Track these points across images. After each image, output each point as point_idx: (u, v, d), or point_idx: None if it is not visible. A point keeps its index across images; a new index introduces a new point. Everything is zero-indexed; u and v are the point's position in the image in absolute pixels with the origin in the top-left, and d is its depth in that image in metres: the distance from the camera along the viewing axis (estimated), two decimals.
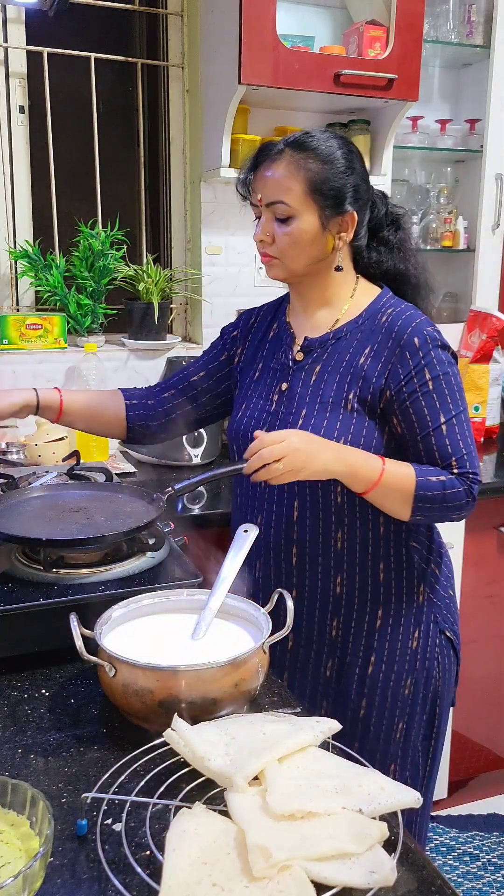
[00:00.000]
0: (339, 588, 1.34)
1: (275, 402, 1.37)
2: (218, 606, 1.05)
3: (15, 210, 2.30)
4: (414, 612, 1.36)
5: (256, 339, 1.47)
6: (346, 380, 1.30)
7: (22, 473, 1.60)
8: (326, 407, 1.30)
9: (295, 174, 1.27)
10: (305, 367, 1.35)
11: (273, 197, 1.28)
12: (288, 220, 1.28)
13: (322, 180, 1.27)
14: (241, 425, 1.40)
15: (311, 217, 1.28)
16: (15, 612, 1.08)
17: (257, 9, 1.95)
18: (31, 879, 0.66)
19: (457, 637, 1.44)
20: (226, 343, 1.52)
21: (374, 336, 1.31)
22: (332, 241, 1.31)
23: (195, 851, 0.69)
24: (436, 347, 1.28)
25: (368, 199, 1.35)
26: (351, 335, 1.33)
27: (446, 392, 1.27)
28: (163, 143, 2.50)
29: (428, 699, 1.40)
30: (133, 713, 0.93)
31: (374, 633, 1.36)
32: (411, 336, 1.27)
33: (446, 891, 0.73)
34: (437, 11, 2.40)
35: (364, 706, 1.37)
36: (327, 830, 0.71)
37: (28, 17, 2.22)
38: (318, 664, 1.38)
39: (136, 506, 1.35)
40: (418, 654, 1.37)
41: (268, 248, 1.32)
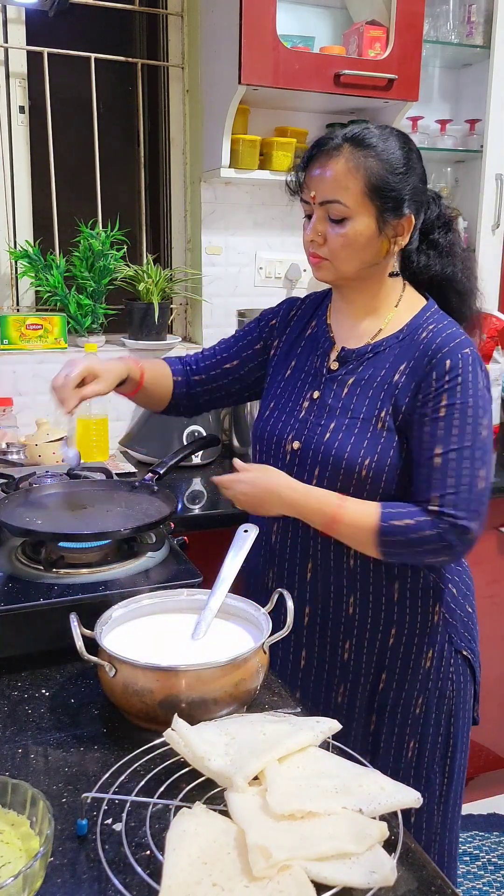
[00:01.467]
0: (351, 609, 1.30)
1: (304, 409, 1.32)
2: (218, 606, 1.05)
3: (15, 210, 2.30)
4: (428, 632, 1.31)
5: (294, 334, 1.42)
6: (380, 396, 1.25)
7: (22, 473, 1.60)
8: (356, 423, 1.25)
9: (353, 172, 1.20)
10: (339, 377, 1.30)
11: (328, 195, 1.21)
12: (343, 220, 1.22)
13: (382, 181, 1.20)
14: (269, 426, 1.36)
15: (367, 219, 1.21)
16: (15, 612, 1.08)
17: (257, 9, 1.95)
18: (31, 879, 0.66)
19: (474, 655, 1.38)
20: (262, 331, 1.47)
21: (411, 352, 1.25)
22: (386, 246, 1.25)
23: (195, 851, 0.69)
24: (468, 372, 1.19)
25: (425, 201, 1.29)
26: (389, 350, 1.28)
27: (456, 423, 1.18)
28: (163, 143, 2.50)
29: (442, 719, 1.35)
30: (133, 713, 0.93)
31: (385, 654, 1.31)
32: (445, 357, 1.20)
33: (446, 891, 0.73)
34: (437, 11, 2.40)
35: (374, 722, 1.34)
36: (327, 830, 0.71)
37: (28, 17, 2.22)
38: (329, 687, 1.35)
39: (142, 501, 1.36)
40: (431, 674, 1.32)
41: (318, 248, 1.26)
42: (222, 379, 1.48)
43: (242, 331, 1.51)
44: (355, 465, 1.23)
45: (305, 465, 1.28)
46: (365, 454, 1.23)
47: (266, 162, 2.25)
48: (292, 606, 1.00)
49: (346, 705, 1.34)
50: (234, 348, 1.48)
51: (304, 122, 2.36)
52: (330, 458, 1.25)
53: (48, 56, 2.22)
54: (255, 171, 2.22)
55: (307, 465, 1.28)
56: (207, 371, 1.49)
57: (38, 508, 1.33)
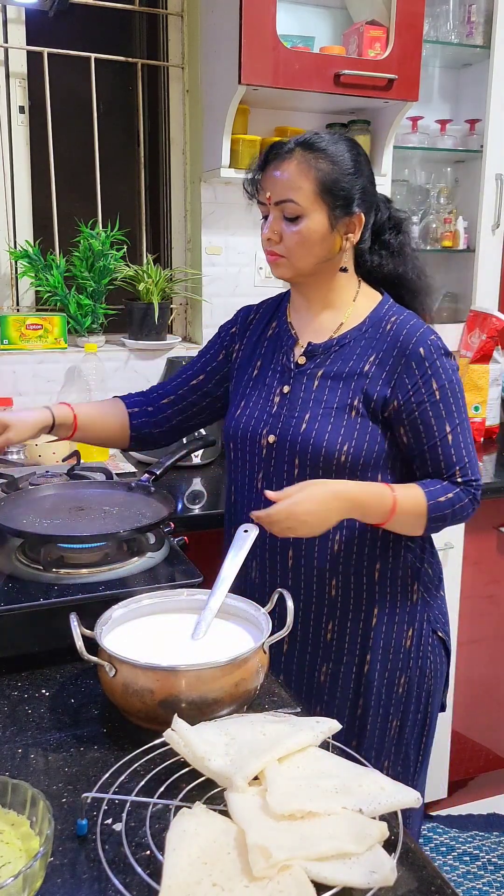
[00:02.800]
0: (333, 591, 1.35)
1: (276, 404, 1.36)
2: (218, 606, 1.05)
3: (15, 210, 2.30)
4: (408, 611, 1.37)
5: (255, 336, 1.47)
6: (350, 386, 1.30)
7: (22, 473, 1.60)
8: (331, 412, 1.30)
9: (305, 173, 1.27)
10: (307, 371, 1.35)
11: (282, 195, 1.28)
12: (297, 219, 1.28)
13: (332, 180, 1.27)
14: (241, 424, 1.39)
15: (320, 217, 1.28)
16: (15, 612, 1.08)
17: (257, 9, 1.95)
18: (31, 879, 0.66)
19: (448, 637, 1.45)
20: (223, 341, 1.52)
21: (378, 344, 1.32)
22: (339, 242, 1.32)
23: (195, 851, 0.69)
24: (440, 356, 1.29)
25: (374, 202, 1.36)
26: (355, 342, 1.34)
27: (451, 401, 1.28)
28: (163, 143, 2.50)
29: (422, 697, 1.41)
30: (133, 713, 0.93)
31: (368, 634, 1.36)
32: (416, 346, 1.28)
33: (446, 891, 0.73)
34: (437, 11, 2.40)
35: (360, 705, 1.38)
36: (327, 830, 0.71)
37: (28, 17, 2.22)
38: (312, 669, 1.38)
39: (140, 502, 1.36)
40: (412, 653, 1.38)
41: (275, 246, 1.32)
42: (191, 395, 1.52)
43: (204, 348, 1.56)
44: (333, 452, 1.28)
45: (283, 457, 1.33)
46: (343, 440, 1.28)
47: None
48: (292, 606, 1.01)
49: (328, 685, 1.38)
50: (198, 364, 1.53)
51: (304, 122, 2.36)
52: (308, 448, 1.29)
53: (48, 56, 2.22)
54: None
55: (285, 457, 1.32)
56: (175, 391, 1.53)
57: (36, 509, 1.33)
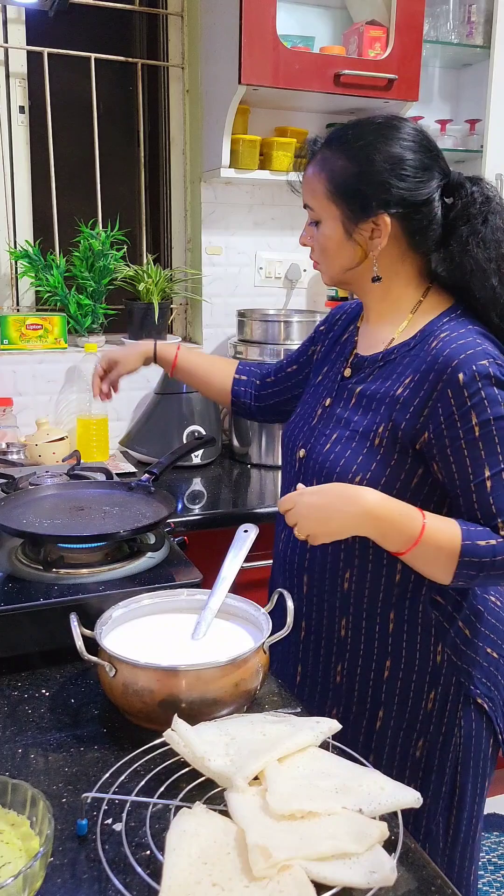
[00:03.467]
0: (343, 632, 1.22)
1: (317, 416, 1.27)
2: (218, 606, 1.05)
3: (15, 210, 2.30)
4: (429, 671, 1.19)
5: (334, 338, 1.37)
6: (380, 410, 1.15)
7: (22, 473, 1.61)
8: (354, 437, 1.17)
9: (318, 174, 1.15)
10: (349, 385, 1.23)
11: (304, 199, 1.20)
12: (318, 224, 1.19)
13: (343, 180, 1.13)
14: (287, 432, 1.33)
15: (332, 222, 1.16)
16: (15, 612, 1.08)
17: (257, 9, 1.95)
18: (31, 879, 0.66)
19: (493, 704, 1.22)
20: (313, 335, 1.45)
21: (418, 364, 1.12)
22: (361, 249, 1.16)
23: (195, 851, 0.69)
24: (488, 386, 1.06)
25: (421, 197, 1.12)
26: (399, 359, 1.16)
27: (496, 440, 1.06)
28: (163, 143, 2.50)
29: (447, 768, 1.23)
30: (133, 713, 0.93)
31: (381, 686, 1.21)
32: (456, 370, 1.06)
33: (446, 891, 0.73)
34: (437, 11, 2.40)
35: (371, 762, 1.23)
36: (327, 830, 0.71)
37: (28, 17, 2.22)
38: (321, 707, 1.27)
39: (140, 502, 1.36)
40: (433, 718, 1.20)
41: (311, 252, 1.24)
42: (286, 382, 1.50)
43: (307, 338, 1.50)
44: (345, 481, 1.14)
45: (309, 474, 1.22)
46: (357, 470, 1.14)
47: (266, 162, 2.25)
48: (292, 606, 1.00)
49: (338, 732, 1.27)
50: (294, 354, 1.50)
51: (304, 122, 2.36)
52: (324, 471, 1.19)
53: (48, 56, 2.23)
54: (255, 171, 2.22)
55: (310, 474, 1.22)
56: (277, 373, 1.52)
57: (36, 509, 1.33)
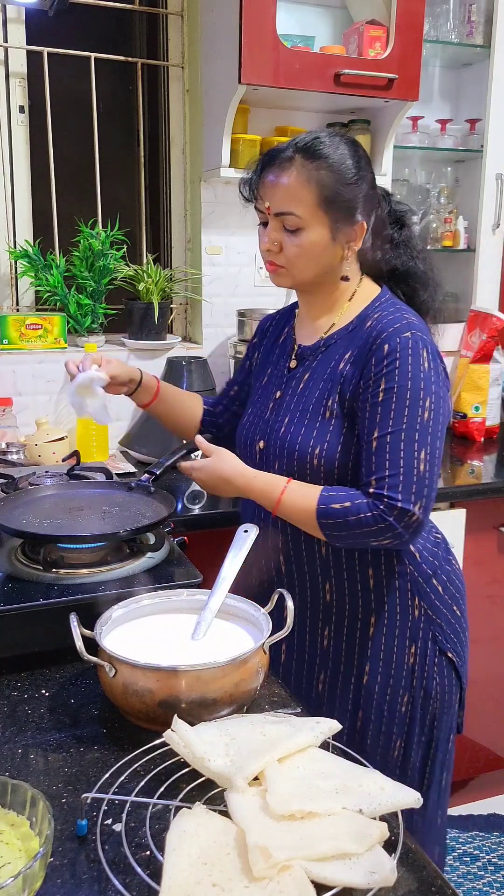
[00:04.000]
0: (328, 596, 1.31)
1: (269, 409, 1.37)
2: (218, 606, 1.05)
3: (15, 210, 2.30)
4: (409, 625, 1.30)
5: (269, 344, 1.47)
6: (328, 387, 1.28)
7: (22, 473, 1.60)
8: (306, 415, 1.29)
9: (306, 185, 1.22)
10: (297, 375, 1.35)
11: (283, 207, 1.23)
12: (297, 230, 1.24)
13: (334, 192, 1.22)
14: (242, 432, 1.42)
15: (321, 229, 1.24)
16: (15, 612, 1.08)
17: (257, 9, 1.95)
18: (31, 879, 0.66)
19: (460, 659, 1.36)
20: (248, 353, 1.55)
21: (356, 342, 1.27)
22: (340, 252, 1.28)
23: (195, 851, 0.69)
24: (408, 355, 1.19)
25: (376, 205, 1.31)
26: (340, 342, 1.31)
27: (393, 405, 1.18)
28: (163, 143, 2.50)
29: (426, 721, 1.33)
30: (133, 713, 0.93)
31: (367, 643, 1.31)
32: (383, 342, 1.21)
33: (446, 891, 0.73)
34: (437, 11, 2.40)
35: (360, 718, 1.33)
36: (327, 831, 0.71)
37: (28, 17, 2.22)
38: (310, 677, 1.35)
39: (140, 502, 1.36)
40: (415, 671, 1.31)
41: (275, 257, 1.28)
42: (233, 405, 1.58)
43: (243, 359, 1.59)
44: (306, 455, 1.26)
45: (271, 461, 1.33)
46: (315, 443, 1.26)
47: None
48: (292, 606, 1.00)
49: (326, 694, 1.34)
50: (236, 377, 1.58)
51: (304, 121, 2.36)
52: (285, 452, 1.29)
53: (48, 56, 2.22)
54: None
55: (272, 461, 1.33)
56: (222, 401, 1.60)
57: (36, 509, 1.33)
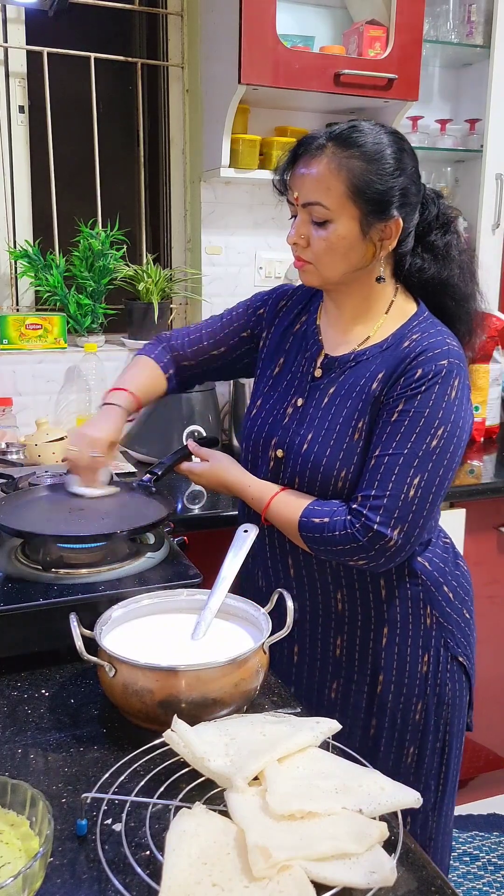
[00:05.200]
0: (340, 605, 1.29)
1: (289, 415, 1.30)
2: (218, 606, 1.05)
3: (15, 210, 2.30)
4: (422, 634, 1.29)
5: (283, 327, 1.39)
6: (357, 406, 1.22)
7: (22, 473, 1.60)
8: (333, 433, 1.23)
9: (336, 173, 1.15)
10: (321, 386, 1.28)
11: (310, 197, 1.18)
12: (325, 223, 1.18)
13: (365, 182, 1.15)
14: (255, 429, 1.35)
15: (350, 222, 1.17)
16: (15, 612, 1.08)
17: (257, 9, 1.95)
18: (31, 879, 0.66)
19: (470, 662, 1.36)
20: (250, 319, 1.45)
21: (391, 363, 1.21)
22: (372, 250, 1.20)
23: (195, 851, 0.69)
24: (437, 382, 1.15)
25: (418, 203, 1.23)
26: (371, 359, 1.24)
27: (402, 429, 1.15)
28: (163, 143, 2.49)
29: (440, 727, 1.33)
30: (133, 713, 0.93)
31: (380, 652, 1.29)
32: (418, 365, 1.16)
33: (446, 891, 0.73)
34: (437, 11, 2.40)
35: (374, 726, 1.32)
36: (327, 830, 0.71)
37: (28, 17, 2.22)
38: (322, 684, 1.33)
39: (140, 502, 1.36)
40: (429, 679, 1.30)
41: (302, 251, 1.22)
42: (211, 364, 1.50)
43: (230, 315, 1.49)
44: (331, 477, 1.22)
45: (287, 473, 1.28)
46: (341, 465, 1.21)
47: (266, 161, 2.25)
48: (292, 606, 1.00)
49: (339, 702, 1.33)
50: (220, 335, 1.47)
51: (304, 121, 2.36)
52: (307, 470, 1.24)
53: (48, 56, 2.22)
54: (255, 170, 2.22)
55: (289, 474, 1.28)
56: (196, 357, 1.49)
57: (36, 509, 1.33)
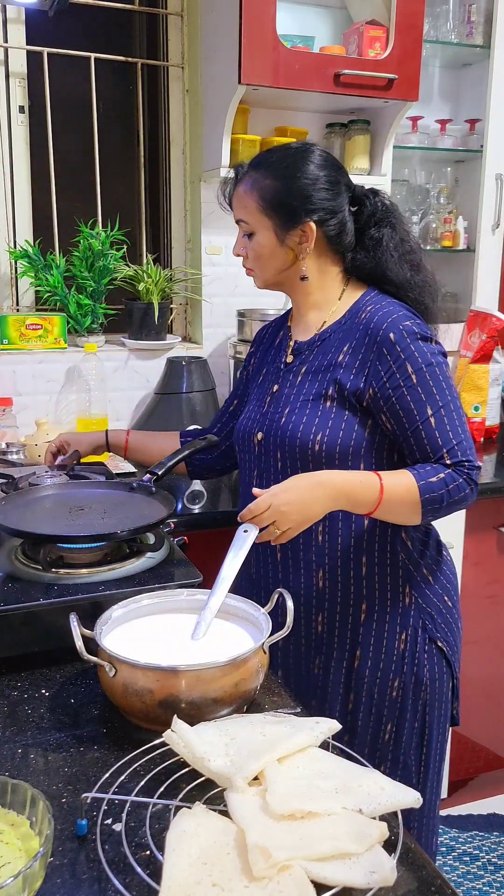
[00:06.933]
0: (321, 583, 1.34)
1: (267, 403, 1.40)
2: (218, 607, 1.05)
3: (15, 210, 2.30)
4: (400, 612, 1.35)
5: (265, 349, 1.52)
6: (326, 377, 1.32)
7: (22, 473, 1.60)
8: (307, 403, 1.32)
9: (250, 192, 1.33)
10: (293, 368, 1.39)
11: (237, 214, 1.37)
12: (251, 235, 1.36)
13: (272, 196, 1.31)
14: (240, 428, 1.45)
15: (266, 232, 1.33)
16: (15, 612, 1.08)
17: (257, 9, 1.95)
18: (31, 879, 0.66)
19: (451, 649, 1.39)
20: (247, 367, 1.58)
21: (352, 334, 1.32)
22: (292, 254, 1.35)
23: (195, 851, 0.69)
24: (415, 340, 1.26)
25: (337, 206, 1.33)
26: (334, 335, 1.35)
27: (431, 384, 1.26)
28: (163, 143, 2.49)
29: (418, 706, 1.38)
30: (133, 713, 0.93)
31: (358, 628, 1.35)
32: (387, 332, 1.27)
33: (446, 891, 0.73)
34: (437, 11, 2.40)
35: (352, 700, 1.37)
36: (327, 830, 0.71)
37: (28, 17, 2.22)
38: (307, 661, 1.38)
39: (140, 502, 1.36)
40: (406, 658, 1.35)
41: (244, 260, 1.41)
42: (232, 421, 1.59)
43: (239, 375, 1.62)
44: (308, 442, 1.29)
45: (270, 452, 1.36)
46: (316, 430, 1.29)
47: None
48: (292, 606, 1.01)
49: (321, 677, 1.38)
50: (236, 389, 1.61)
51: (304, 121, 2.36)
52: (286, 441, 1.32)
53: (48, 56, 2.22)
54: None
55: (271, 451, 1.35)
56: (225, 424, 1.61)
57: (36, 509, 1.33)
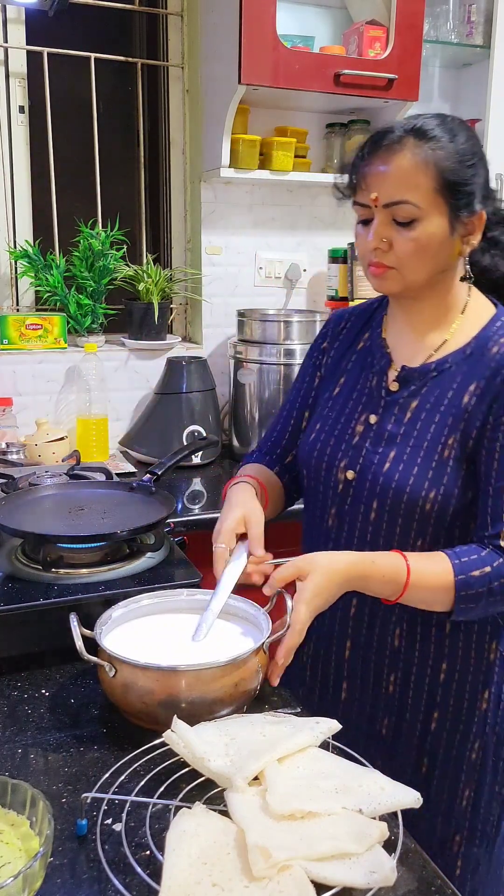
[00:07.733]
0: (397, 640, 1.19)
1: (359, 434, 1.18)
2: (219, 609, 1.05)
3: (15, 210, 2.30)
4: (483, 670, 1.18)
5: (344, 347, 1.29)
6: (447, 422, 1.11)
7: (22, 473, 1.60)
8: (419, 451, 1.11)
9: (423, 168, 1.06)
10: (400, 400, 1.16)
11: (395, 196, 1.06)
12: (412, 223, 1.07)
13: (454, 174, 1.06)
14: (317, 450, 1.22)
15: (439, 219, 1.07)
16: (15, 612, 1.08)
17: (257, 9, 1.95)
18: (31, 879, 0.66)
19: None
20: (317, 361, 1.33)
21: (481, 370, 1.11)
22: (458, 247, 1.12)
23: (195, 851, 0.69)
24: None
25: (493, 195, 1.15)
26: (456, 368, 1.13)
27: None
28: (163, 143, 2.50)
29: (499, 768, 1.23)
30: (133, 713, 0.93)
31: (436, 689, 1.19)
32: None
33: (446, 891, 0.73)
34: (437, 11, 2.39)
35: (426, 764, 1.22)
36: (327, 830, 0.71)
37: (28, 17, 2.22)
38: (372, 721, 1.23)
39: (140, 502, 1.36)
40: (488, 717, 1.20)
41: (383, 256, 1.10)
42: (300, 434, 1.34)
43: (299, 375, 1.37)
44: (418, 499, 1.10)
45: (361, 497, 1.16)
46: (430, 486, 1.10)
47: (266, 162, 2.25)
48: (291, 605, 1.00)
49: (390, 739, 1.23)
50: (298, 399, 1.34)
51: (304, 121, 2.36)
52: (389, 491, 1.12)
53: (48, 56, 2.22)
54: (255, 170, 2.22)
55: (363, 497, 1.16)
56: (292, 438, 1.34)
57: (36, 509, 1.33)
